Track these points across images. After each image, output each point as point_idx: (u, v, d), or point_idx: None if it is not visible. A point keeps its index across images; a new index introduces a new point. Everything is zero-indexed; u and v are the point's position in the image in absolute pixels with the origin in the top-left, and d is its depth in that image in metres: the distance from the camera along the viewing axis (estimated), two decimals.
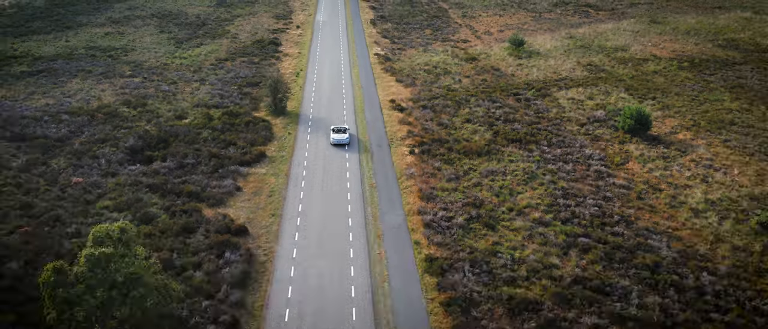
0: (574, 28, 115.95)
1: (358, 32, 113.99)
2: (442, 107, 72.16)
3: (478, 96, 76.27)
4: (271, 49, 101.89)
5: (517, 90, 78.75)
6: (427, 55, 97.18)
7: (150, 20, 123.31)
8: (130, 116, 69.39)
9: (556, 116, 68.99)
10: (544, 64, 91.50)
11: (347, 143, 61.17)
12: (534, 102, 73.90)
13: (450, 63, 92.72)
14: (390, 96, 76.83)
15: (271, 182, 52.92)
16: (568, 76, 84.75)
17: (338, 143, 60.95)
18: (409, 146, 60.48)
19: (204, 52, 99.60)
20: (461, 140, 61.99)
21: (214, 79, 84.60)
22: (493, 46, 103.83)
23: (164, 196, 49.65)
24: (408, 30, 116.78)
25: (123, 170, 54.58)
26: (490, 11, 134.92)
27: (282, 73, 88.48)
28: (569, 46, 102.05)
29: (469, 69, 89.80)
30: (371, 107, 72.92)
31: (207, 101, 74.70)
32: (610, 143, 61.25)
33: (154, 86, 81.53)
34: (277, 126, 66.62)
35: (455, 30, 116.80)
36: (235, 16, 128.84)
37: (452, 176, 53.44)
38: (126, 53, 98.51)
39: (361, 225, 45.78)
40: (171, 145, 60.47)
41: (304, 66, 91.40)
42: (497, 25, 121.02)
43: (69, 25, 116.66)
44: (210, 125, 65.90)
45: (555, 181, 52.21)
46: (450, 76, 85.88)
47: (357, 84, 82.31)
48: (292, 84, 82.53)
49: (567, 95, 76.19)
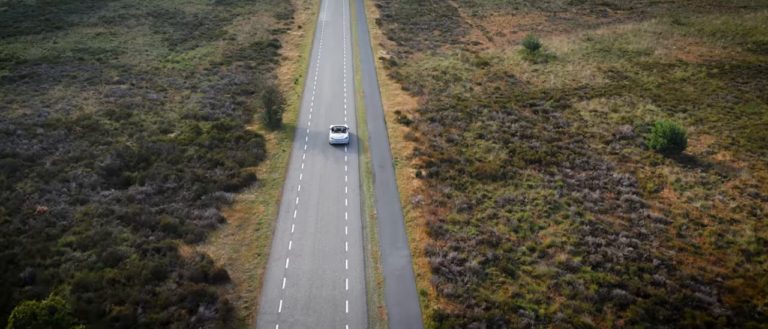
0: (591, 29, 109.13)
1: (363, 33, 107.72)
2: (452, 120, 65.88)
3: (492, 107, 69.93)
4: (270, 52, 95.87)
5: (533, 100, 72.33)
6: (435, 60, 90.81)
7: (145, 20, 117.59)
8: (112, 129, 63.60)
9: (578, 132, 62.56)
10: (562, 69, 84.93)
11: (346, 143, 59.68)
12: (553, 114, 67.47)
13: (460, 68, 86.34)
14: (395, 106, 70.62)
15: (260, 212, 46.91)
16: (588, 84, 78.16)
17: (337, 142, 59.54)
18: (415, 168, 54.30)
19: (199, 55, 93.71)
20: (474, 160, 55.73)
21: (207, 86, 78.69)
22: (506, 49, 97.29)
23: (137, 229, 43.75)
24: (415, 31, 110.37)
25: (95, 197, 48.74)
26: (502, 10, 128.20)
27: (280, 79, 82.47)
28: (588, 49, 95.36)
29: (481, 75, 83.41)
30: (375, 120, 66.75)
31: (196, 112, 68.79)
32: (641, 164, 54.80)
33: (142, 93, 75.74)
34: (271, 142, 60.58)
35: (465, 31, 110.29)
36: (234, 16, 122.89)
37: (464, 205, 47.24)
38: (116, 56, 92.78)
39: (359, 267, 39.73)
40: (152, 164, 54.61)
41: (304, 71, 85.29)
42: (510, 26, 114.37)
43: (59, 25, 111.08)
44: (197, 141, 59.99)
45: (581, 213, 45.90)
46: (460, 83, 79.53)
47: (359, 92, 76.15)
48: (290, 92, 76.48)
49: (589, 107, 69.66)
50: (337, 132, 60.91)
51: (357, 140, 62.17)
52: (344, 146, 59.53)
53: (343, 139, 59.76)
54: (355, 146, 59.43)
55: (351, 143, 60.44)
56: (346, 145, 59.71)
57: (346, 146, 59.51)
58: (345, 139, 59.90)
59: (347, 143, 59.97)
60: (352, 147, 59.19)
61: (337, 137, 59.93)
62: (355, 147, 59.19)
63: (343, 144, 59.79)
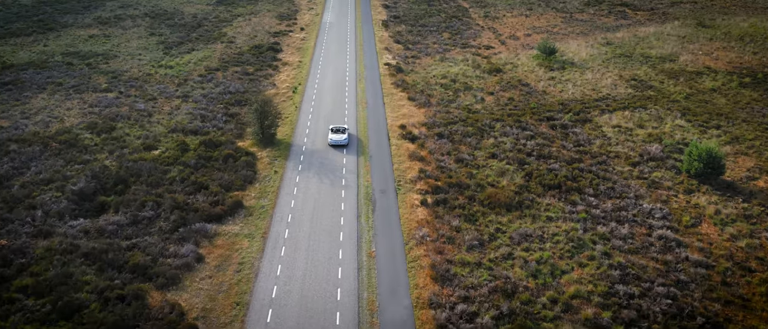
0: (610, 32, 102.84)
1: (368, 36, 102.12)
2: (462, 136, 60.24)
3: (505, 120, 64.18)
4: (270, 56, 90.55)
5: (550, 113, 66.47)
6: (444, 66, 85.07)
7: (142, 20, 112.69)
8: (92, 144, 58.57)
9: (600, 151, 56.69)
10: (581, 78, 78.91)
11: (346, 145, 58.30)
12: (572, 130, 61.60)
13: (471, 76, 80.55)
14: (400, 119, 65.05)
15: (243, 248, 41.59)
16: (610, 95, 72.12)
17: (336, 144, 58.23)
18: (420, 193, 48.78)
19: (194, 60, 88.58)
20: (485, 184, 50.07)
21: (200, 94, 73.50)
22: (520, 53, 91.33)
23: (103, 270, 38.59)
24: (423, 33, 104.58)
25: (62, 227, 43.66)
26: (515, 11, 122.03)
27: (278, 87, 77.13)
28: (607, 54, 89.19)
29: (493, 83, 77.59)
30: (377, 135, 61.21)
31: (185, 125, 63.60)
32: (674, 192, 48.90)
33: (130, 103, 70.69)
34: (263, 161, 55.26)
35: (476, 33, 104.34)
36: (234, 16, 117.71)
37: (475, 241, 41.65)
38: (107, 60, 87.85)
39: (352, 323, 34.30)
40: (130, 188, 49.48)
41: (304, 79, 79.88)
42: (523, 28, 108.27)
43: (52, 27, 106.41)
44: (182, 159, 54.80)
45: (609, 253, 40.18)
46: (471, 93, 73.77)
47: (362, 103, 70.63)
48: (287, 103, 71.10)
49: (611, 121, 63.68)
50: (337, 133, 59.21)
51: (357, 141, 58.77)
52: (343, 147, 57.94)
53: (342, 140, 58.04)
54: (356, 168, 53.94)
55: (351, 145, 58.00)
56: (345, 146, 58.11)
57: (345, 147, 57.90)
58: (344, 140, 58.15)
59: (347, 144, 58.31)
60: (352, 167, 53.73)
61: (336, 138, 58.18)
62: (353, 172, 53.71)
63: (342, 145, 58.25)
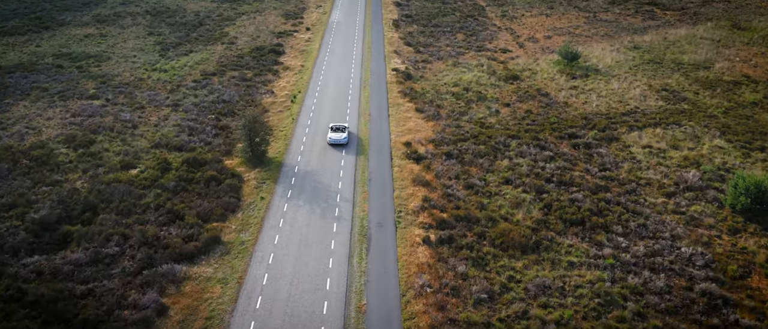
0: (638, 35, 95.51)
1: (377, 37, 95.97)
2: (473, 156, 54.06)
3: (522, 138, 57.85)
4: (271, 59, 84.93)
5: (572, 129, 59.95)
6: (457, 72, 78.71)
7: (142, 18, 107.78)
8: (66, 161, 53.50)
9: (629, 177, 50.17)
10: (606, 87, 72.09)
11: (345, 144, 56.89)
12: (597, 151, 55.08)
13: (485, 83, 74.13)
14: (405, 135, 59.03)
15: (214, 297, 36.02)
16: (638, 108, 65.29)
17: (335, 143, 56.69)
18: (423, 228, 42.82)
19: (191, 63, 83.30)
20: (498, 217, 43.91)
21: (191, 103, 68.13)
22: (540, 58, 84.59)
23: (49, 324, 33.28)
24: (436, 34, 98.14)
25: (14, 266, 38.48)
26: (535, 10, 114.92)
27: (276, 95, 71.49)
28: (635, 60, 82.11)
29: (510, 92, 71.13)
30: (379, 154, 55.29)
31: (170, 139, 58.29)
32: (716, 231, 42.31)
33: (116, 112, 65.58)
34: (249, 184, 49.66)
35: (493, 35, 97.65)
36: (239, 15, 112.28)
37: (483, 293, 35.62)
38: (99, 63, 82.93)
39: None
40: (98, 216, 44.21)
41: (305, 86, 74.10)
42: (543, 29, 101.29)
43: (48, 25, 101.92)
44: (161, 182, 49.43)
45: (642, 312, 33.92)
46: (485, 104, 67.40)
47: (365, 115, 64.69)
48: (284, 113, 65.43)
49: (641, 140, 57.00)
50: (336, 132, 57.53)
51: (357, 141, 55.43)
52: (343, 147, 56.41)
53: (341, 139, 56.57)
54: (351, 195, 48.10)
55: (350, 144, 55.15)
56: (344, 145, 56.62)
57: (344, 147, 56.38)
58: (344, 139, 56.66)
59: (346, 143, 56.84)
60: (348, 195, 47.88)
61: (336, 137, 56.61)
62: (349, 200, 47.86)
63: (341, 144, 56.72)
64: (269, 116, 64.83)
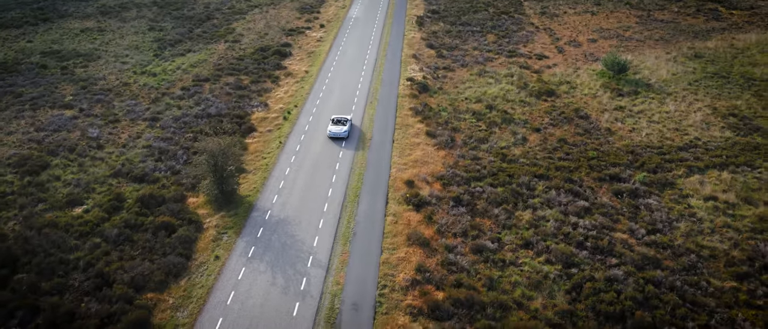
0: (699, 40, 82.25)
1: (396, 37, 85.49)
2: (488, 204, 43.71)
3: (551, 177, 47.09)
4: (273, 63, 75.73)
5: (615, 166, 48.78)
6: (481, 83, 67.85)
7: (147, 11, 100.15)
8: (8, 192, 45.63)
9: (687, 244, 38.95)
10: (659, 109, 60.16)
11: (345, 138, 54.03)
12: (645, 201, 43.89)
13: (513, 99, 63.16)
14: (409, 169, 49.01)
15: None
16: (700, 140, 53.41)
17: (335, 136, 53.96)
18: (410, 315, 32.99)
19: (186, 65, 74.91)
20: (510, 303, 33.66)
21: (171, 117, 59.61)
22: (581, 68, 72.77)
23: None
24: (464, 35, 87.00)
25: None
26: (579, 7, 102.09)
27: (270, 107, 62.31)
28: (696, 72, 69.49)
29: (542, 112, 60.04)
30: (373, 194, 45.48)
31: (134, 166, 49.87)
32: None
33: (86, 126, 57.73)
34: (207, 235, 40.65)
35: (529, 37, 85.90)
36: (251, 8, 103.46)
37: None
38: (87, 63, 75.43)
39: None
40: (12, 277, 35.98)
41: (303, 98, 64.61)
42: (588, 30, 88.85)
43: (47, 17, 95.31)
44: (105, 227, 40.95)
45: None
46: (510, 127, 56.59)
47: (366, 139, 54.84)
48: (273, 133, 56.19)
49: (703, 189, 45.42)
50: (337, 124, 54.81)
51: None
52: (343, 140, 53.76)
53: (341, 132, 53.76)
54: (327, 259, 38.53)
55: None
56: (344, 139, 53.91)
57: (344, 140, 53.73)
58: (344, 133, 53.83)
59: (346, 137, 54.07)
60: (322, 257, 38.32)
61: (336, 130, 53.84)
62: (322, 266, 38.29)
63: (341, 138, 54.00)
64: (255, 137, 55.70)
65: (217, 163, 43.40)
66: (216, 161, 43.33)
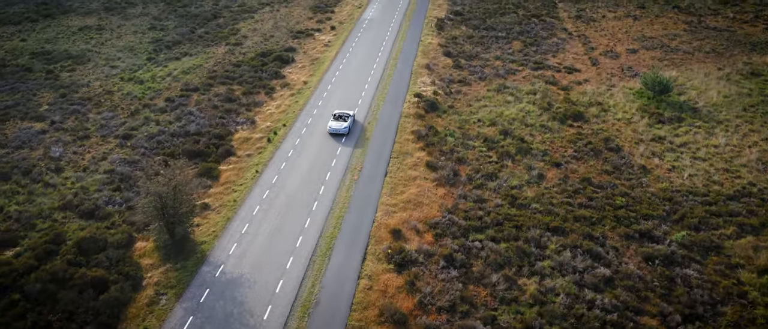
0: (758, 53, 71.79)
1: (411, 43, 77.55)
2: (487, 266, 35.94)
3: (568, 231, 38.94)
4: (272, 70, 68.97)
5: (648, 220, 40.21)
6: (499, 101, 59.59)
7: (153, 7, 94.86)
8: None
9: None
10: (705, 142, 50.92)
11: (345, 134, 52.47)
12: (682, 272, 35.34)
13: (534, 123, 54.82)
14: (399, 212, 41.52)
15: None
16: (755, 187, 44.17)
17: (335, 132, 52.36)
18: None
19: (178, 71, 68.94)
20: None
21: (145, 136, 53.56)
22: (616, 85, 63.64)
23: None
24: (487, 41, 78.46)
25: None
26: (620, 10, 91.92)
27: (257, 125, 55.62)
28: (752, 94, 59.64)
29: (565, 141, 51.56)
30: (350, 246, 38.21)
31: (87, 196, 43.91)
32: None
33: (51, 143, 52.24)
34: (143, 297, 34.12)
35: (559, 45, 76.80)
36: (263, 5, 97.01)
37: None
38: (75, 67, 70.29)
39: None
40: None
41: (295, 116, 57.64)
42: (628, 38, 79.10)
43: (49, 12, 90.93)
44: (27, 280, 34.93)
45: None
46: (526, 160, 48.38)
47: (356, 169, 47.53)
48: (252, 159, 49.42)
49: (758, 257, 36.52)
50: (338, 120, 53.20)
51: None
52: (342, 136, 52.24)
53: (341, 129, 52.01)
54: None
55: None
56: (344, 135, 52.30)
57: (344, 136, 52.16)
58: (344, 129, 52.07)
59: (346, 133, 52.32)
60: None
61: (336, 126, 52.11)
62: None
63: (341, 134, 52.45)
64: (231, 163, 49.03)
65: (165, 206, 36.82)
66: (164, 203, 36.74)
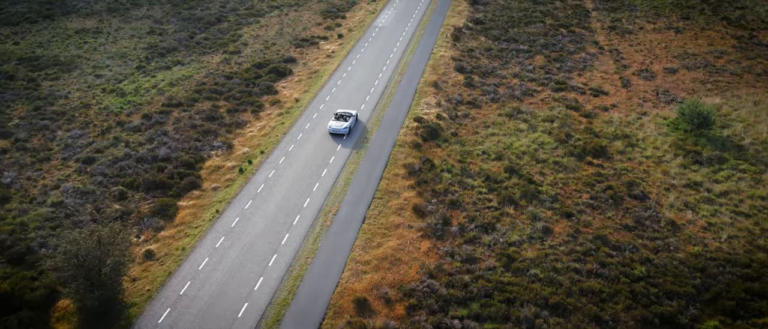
0: None
1: (421, 55, 70.52)
2: None
3: (570, 309, 31.73)
4: (265, 84, 63.13)
5: (672, 298, 32.61)
6: (510, 128, 52.26)
7: (159, 8, 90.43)
8: None
9: None
10: (751, 191, 42.61)
11: (345, 134, 50.85)
12: None
13: (546, 158, 47.36)
14: (370, 273, 34.94)
15: None
16: None
17: (334, 132, 50.89)
18: None
19: (166, 82, 63.88)
20: None
21: (109, 160, 48.39)
22: (649, 113, 55.48)
23: None
24: (506, 54, 70.88)
25: None
26: (661, 21, 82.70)
27: (231, 155, 49.85)
28: None
29: (580, 185, 43.98)
30: (299, 326, 31.83)
31: (24, 235, 38.81)
32: None
33: (5, 167, 47.51)
34: None
35: (587, 61, 68.66)
36: (272, 8, 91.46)
37: None
38: (60, 74, 66.04)
39: None
40: None
41: (277, 141, 51.54)
42: (666, 55, 70.31)
43: (51, 13, 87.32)
44: None
45: None
46: (530, 209, 41.07)
47: (330, 212, 41.11)
48: (219, 193, 43.54)
49: None
50: (339, 119, 51.85)
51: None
52: (342, 136, 50.81)
53: (341, 129, 50.68)
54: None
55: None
56: (343, 135, 50.98)
57: (343, 136, 50.78)
58: (344, 129, 50.70)
59: (346, 133, 50.95)
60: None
61: (336, 126, 50.80)
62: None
63: (340, 135, 51.17)
64: (192, 198, 43.28)
65: (89, 261, 31.18)
66: (87, 259, 31.10)
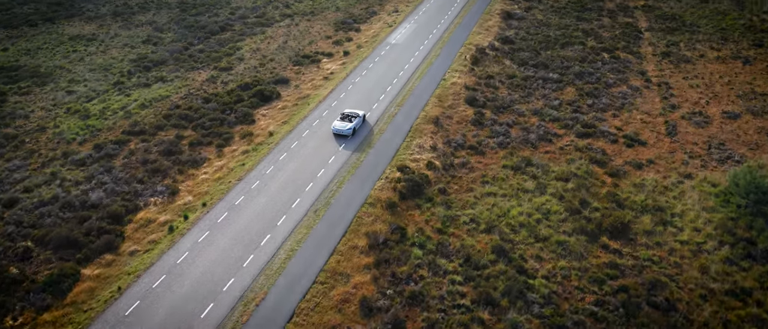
0: None
1: (430, 82, 60.77)
2: None
3: None
4: (243, 110, 55.38)
5: None
6: (513, 186, 42.13)
7: (165, 13, 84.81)
8: None
9: None
10: None
11: (348, 135, 48.54)
12: None
13: (549, 235, 37.14)
14: None
15: None
16: None
17: (338, 133, 48.43)
18: None
19: (137, 103, 57.34)
20: None
21: (30, 205, 41.82)
22: (693, 176, 43.99)
23: None
24: (532, 83, 60.30)
25: None
26: (728, 47, 69.45)
27: (174, 203, 42.18)
28: None
29: (586, 281, 33.67)
30: None
31: None
32: None
33: None
34: None
35: (628, 96, 57.22)
36: (284, 17, 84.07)
37: None
38: (33, 88, 61.00)
39: None
40: None
41: (229, 187, 43.40)
42: (729, 93, 57.90)
43: (52, 16, 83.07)
44: None
45: None
46: (511, 316, 31.15)
47: (252, 302, 32.58)
48: (131, 263, 35.89)
49: None
50: (344, 120, 49.36)
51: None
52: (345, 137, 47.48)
53: (345, 129, 48.10)
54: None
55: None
56: (346, 137, 48.27)
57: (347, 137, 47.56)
58: (347, 130, 48.13)
59: (350, 135, 48.39)
60: None
61: (340, 126, 48.33)
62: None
63: (344, 135, 48.53)
64: (101, 265, 35.77)
65: None
66: None
